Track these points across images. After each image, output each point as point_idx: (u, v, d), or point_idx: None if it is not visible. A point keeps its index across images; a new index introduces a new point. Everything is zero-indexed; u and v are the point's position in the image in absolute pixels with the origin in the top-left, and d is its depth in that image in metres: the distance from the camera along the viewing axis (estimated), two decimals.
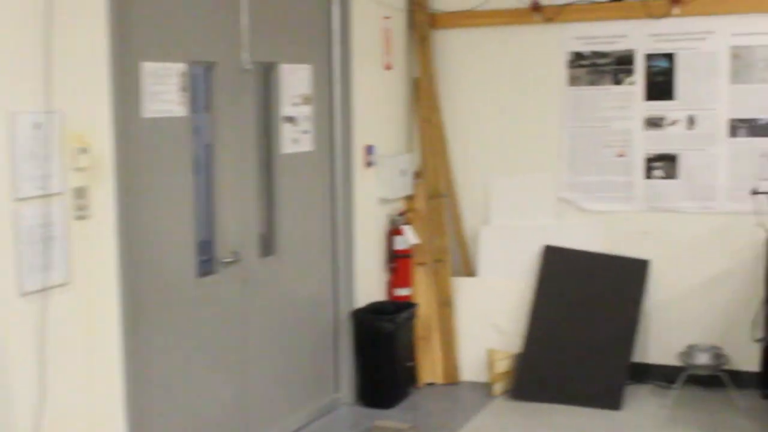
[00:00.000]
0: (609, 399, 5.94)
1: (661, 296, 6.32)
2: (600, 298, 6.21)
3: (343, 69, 5.85)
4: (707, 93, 6.13)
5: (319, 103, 5.72)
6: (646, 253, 6.28)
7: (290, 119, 5.46)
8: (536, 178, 6.52)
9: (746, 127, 6.06)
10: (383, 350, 5.97)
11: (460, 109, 6.66)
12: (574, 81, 6.39)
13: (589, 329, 6.15)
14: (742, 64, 6.05)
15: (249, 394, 5.18)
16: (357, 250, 6.03)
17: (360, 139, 6.00)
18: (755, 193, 5.66)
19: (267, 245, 5.41)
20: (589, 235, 6.41)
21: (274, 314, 5.40)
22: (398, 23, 6.48)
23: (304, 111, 5.58)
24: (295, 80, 5.50)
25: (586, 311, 6.20)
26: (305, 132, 5.59)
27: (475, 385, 6.42)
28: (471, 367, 6.50)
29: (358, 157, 6.00)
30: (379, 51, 6.25)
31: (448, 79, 6.65)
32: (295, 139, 5.52)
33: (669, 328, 6.32)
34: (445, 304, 6.48)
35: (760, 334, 5.94)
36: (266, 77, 5.35)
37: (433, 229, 6.50)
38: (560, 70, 6.42)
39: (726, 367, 6.05)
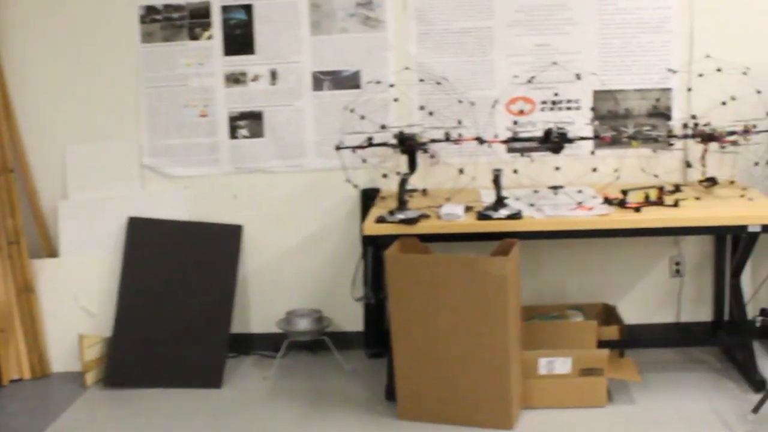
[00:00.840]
0: (208, 377, 5.59)
1: (256, 263, 6.04)
2: (193, 270, 5.82)
3: None
4: (288, 46, 5.82)
5: None
6: (238, 218, 5.96)
7: None
8: (116, 145, 6.00)
9: (330, 80, 5.83)
10: None
11: (28, 73, 5.97)
12: (147, 37, 5.88)
13: (184, 304, 5.76)
14: (322, 14, 5.79)
15: None
16: None
17: None
18: (339, 148, 5.43)
19: None
20: (177, 202, 5.99)
21: None
22: None
23: None
24: None
25: (178, 285, 5.80)
26: None
27: (67, 376, 5.86)
28: (62, 356, 5.94)
29: None
30: None
31: (11, 40, 5.94)
32: None
33: (268, 295, 6.06)
34: (25, 290, 5.86)
35: (359, 292, 5.78)
36: None
37: (3, 208, 5.84)
38: (133, 27, 5.89)
39: (329, 329, 5.87)
